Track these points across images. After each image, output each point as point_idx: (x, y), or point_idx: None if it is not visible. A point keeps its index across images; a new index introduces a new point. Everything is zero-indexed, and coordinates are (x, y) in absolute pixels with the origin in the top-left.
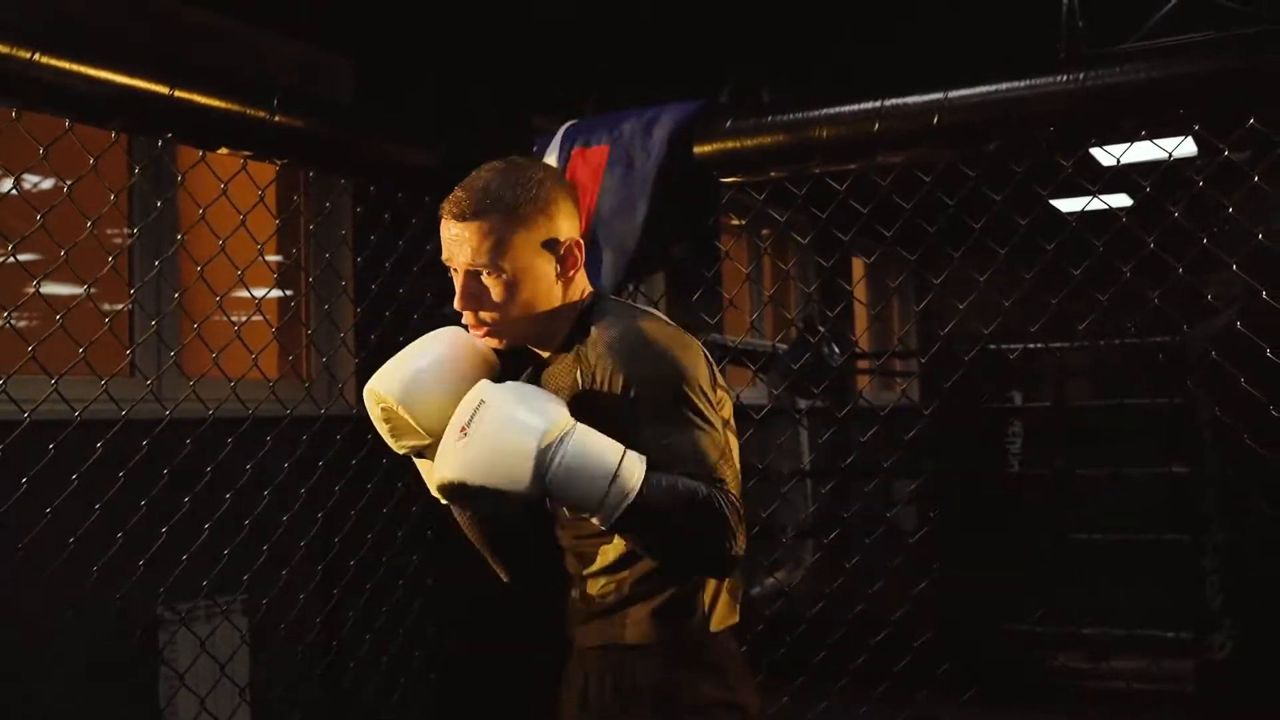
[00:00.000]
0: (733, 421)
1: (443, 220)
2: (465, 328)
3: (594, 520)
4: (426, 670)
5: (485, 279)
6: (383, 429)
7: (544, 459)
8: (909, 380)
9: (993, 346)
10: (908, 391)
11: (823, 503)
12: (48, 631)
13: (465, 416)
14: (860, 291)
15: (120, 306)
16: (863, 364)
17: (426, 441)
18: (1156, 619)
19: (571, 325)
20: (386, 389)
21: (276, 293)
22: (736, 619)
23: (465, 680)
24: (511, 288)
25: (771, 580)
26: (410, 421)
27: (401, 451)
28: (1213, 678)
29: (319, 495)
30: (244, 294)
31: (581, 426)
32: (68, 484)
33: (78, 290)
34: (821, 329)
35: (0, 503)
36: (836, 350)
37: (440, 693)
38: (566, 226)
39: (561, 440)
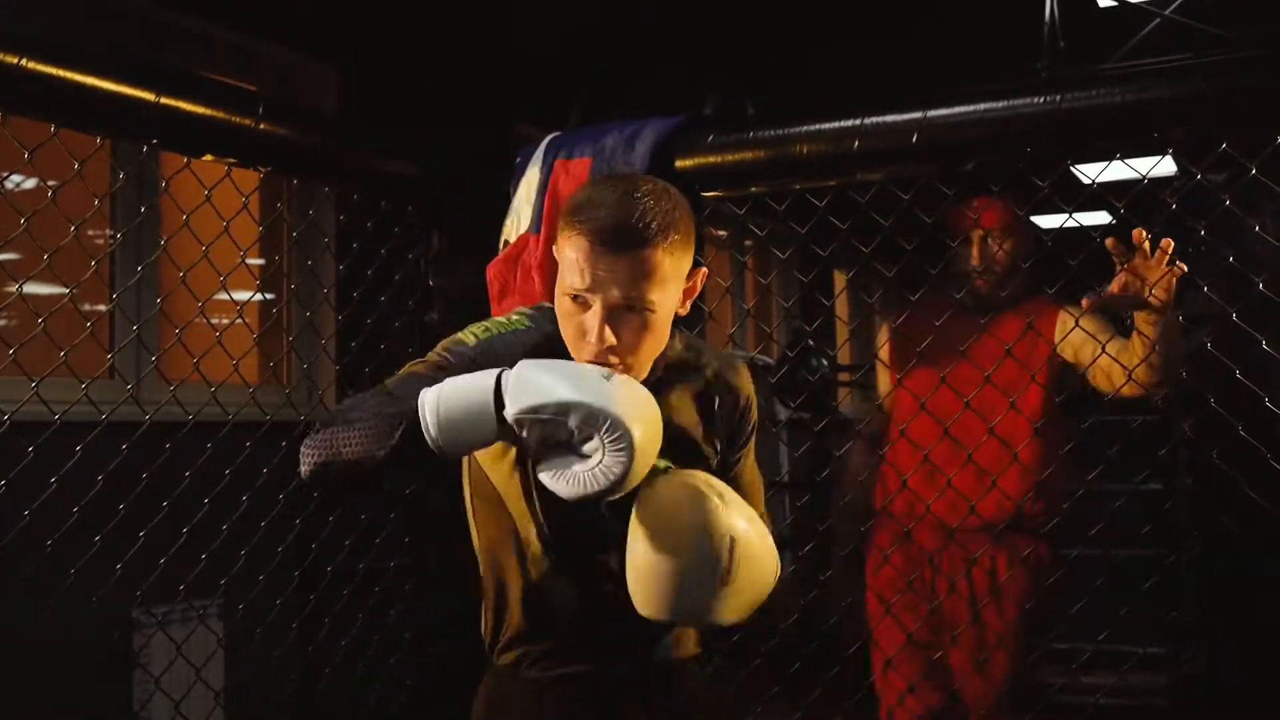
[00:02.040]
0: None
1: (584, 245)
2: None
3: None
4: (402, 676)
5: (631, 314)
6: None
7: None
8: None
9: None
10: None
11: (800, 515)
12: (24, 633)
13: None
14: (842, 304)
15: (101, 308)
16: (843, 376)
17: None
18: (1129, 634)
19: (675, 357)
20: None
21: (259, 298)
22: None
23: (441, 687)
24: (653, 323)
25: None
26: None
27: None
28: (1186, 692)
29: (297, 501)
30: (225, 299)
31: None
32: (46, 486)
33: (56, 291)
34: (806, 342)
35: None
36: (825, 363)
37: (416, 699)
38: (694, 252)
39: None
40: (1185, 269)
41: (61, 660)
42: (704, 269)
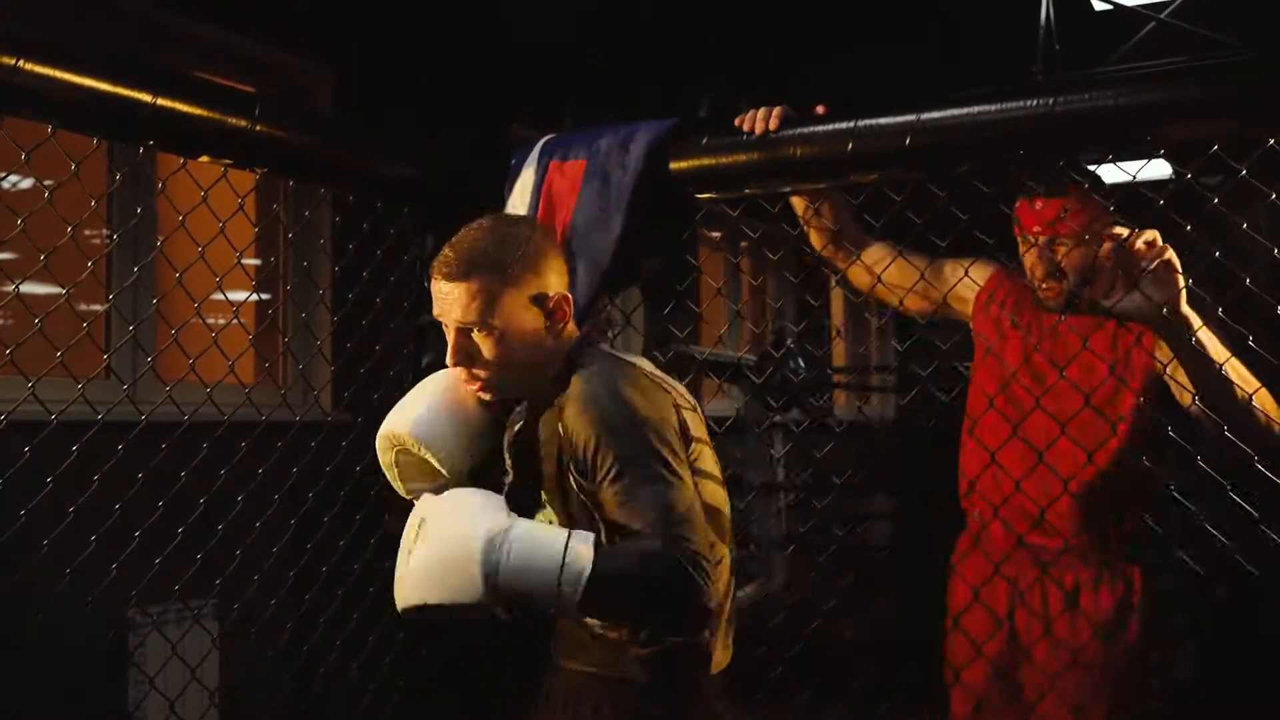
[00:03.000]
0: (717, 472)
1: (434, 279)
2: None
3: (555, 612)
4: (396, 677)
5: (476, 335)
6: (392, 474)
7: (490, 563)
8: (883, 396)
9: (955, 365)
10: (882, 408)
11: (791, 517)
12: (19, 633)
13: (410, 537)
14: (838, 305)
15: (97, 309)
16: (837, 379)
17: (435, 485)
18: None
19: (560, 375)
20: (402, 430)
21: (255, 299)
22: (729, 658)
23: (434, 688)
24: (502, 344)
25: (742, 593)
26: (430, 458)
27: (414, 497)
28: (1176, 697)
29: (292, 501)
30: (221, 299)
31: (522, 521)
32: (42, 486)
33: (52, 291)
34: (790, 344)
35: None
36: (801, 364)
37: (411, 699)
38: (555, 281)
39: (505, 540)
40: (1172, 259)
41: (57, 660)
42: (564, 294)
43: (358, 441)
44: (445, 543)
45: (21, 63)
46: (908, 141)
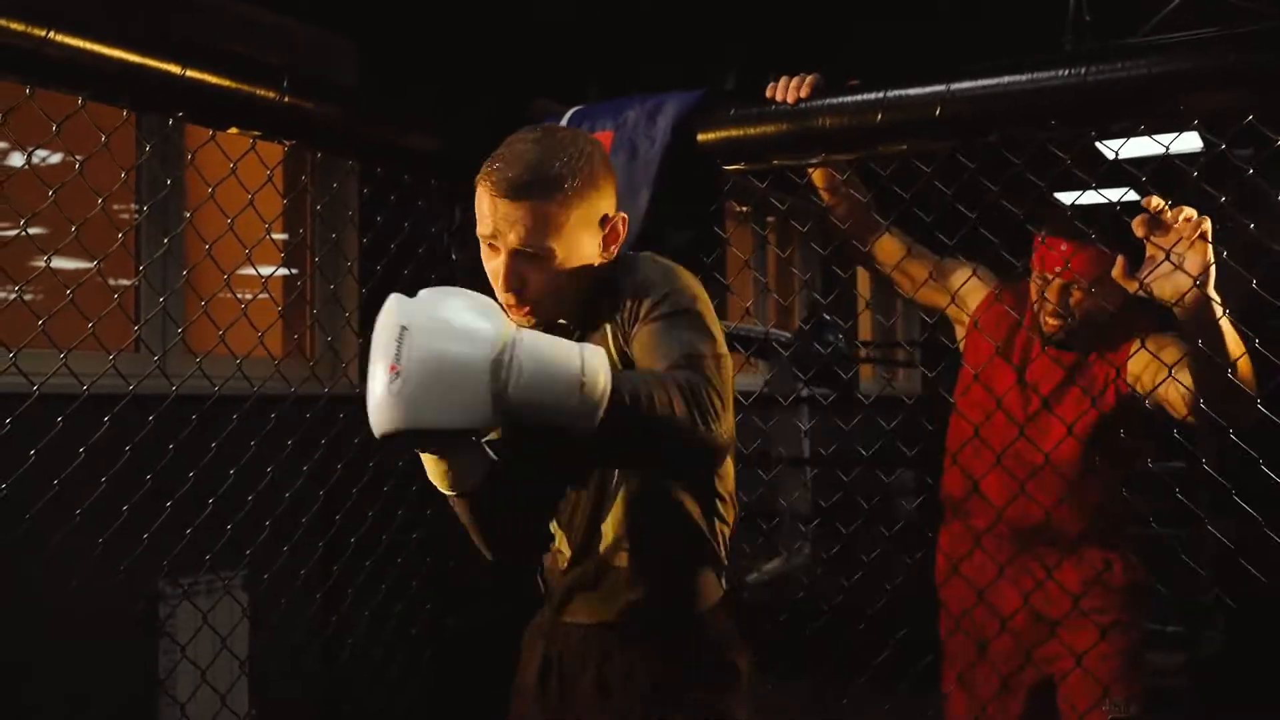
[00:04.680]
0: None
1: (486, 195)
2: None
3: (573, 433)
4: (424, 646)
5: (533, 259)
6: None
7: (499, 376)
8: (908, 370)
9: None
10: (908, 381)
11: (818, 491)
12: (52, 602)
13: (390, 349)
14: (864, 279)
15: (126, 282)
16: (863, 352)
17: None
18: (1149, 612)
19: (603, 295)
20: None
21: (283, 271)
22: (723, 590)
23: (462, 657)
24: (560, 267)
25: (768, 566)
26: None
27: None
28: (1205, 672)
29: (321, 473)
30: (249, 272)
31: (528, 330)
32: (75, 457)
33: (82, 264)
34: (827, 316)
35: (9, 474)
36: (839, 338)
37: (437, 668)
38: (611, 200)
39: (514, 350)
40: (1208, 231)
41: (89, 629)
42: (621, 214)
43: None
44: (443, 357)
45: (52, 34)
46: (938, 112)
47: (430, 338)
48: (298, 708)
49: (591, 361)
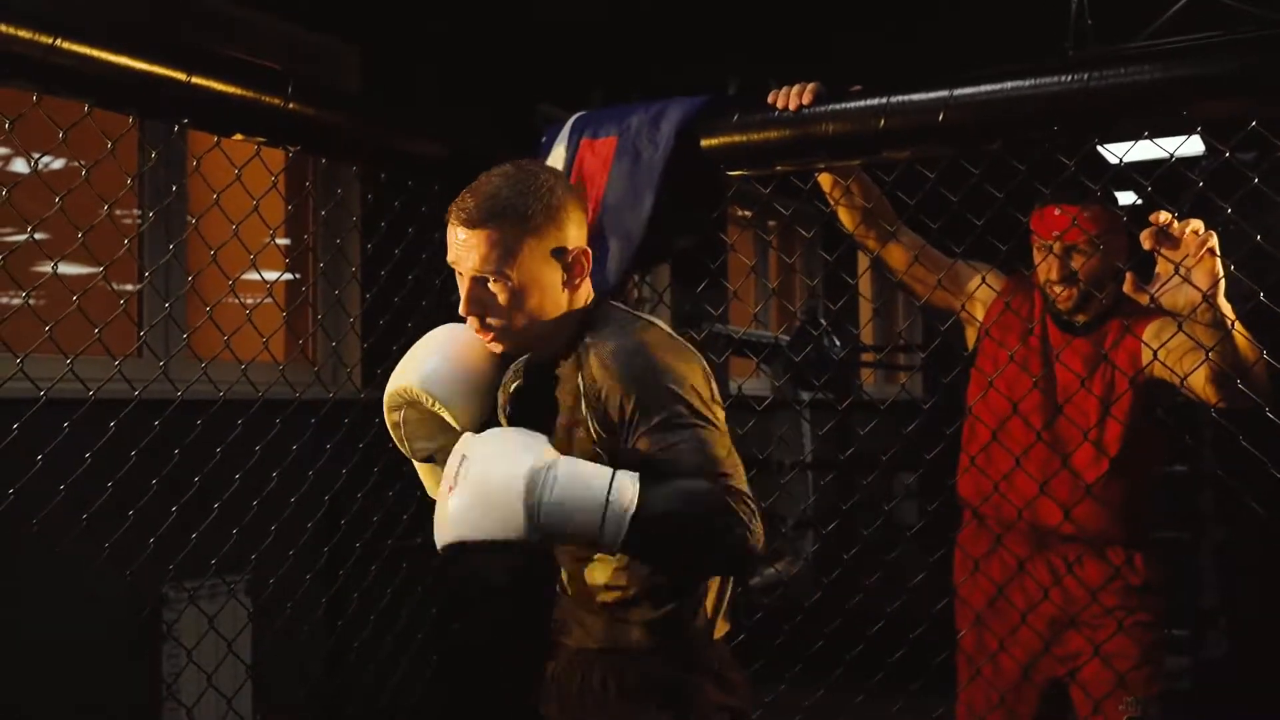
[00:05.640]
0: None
1: (450, 225)
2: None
3: (601, 551)
4: (429, 652)
5: (492, 285)
6: (398, 434)
7: (533, 497)
8: (911, 374)
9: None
10: (909, 386)
11: (822, 495)
12: (58, 607)
13: (451, 473)
14: (866, 284)
15: (131, 287)
16: (866, 357)
17: (439, 445)
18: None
19: (574, 332)
20: (414, 383)
21: (287, 277)
22: (729, 628)
23: (467, 662)
24: (518, 295)
25: (771, 571)
26: (442, 412)
27: (419, 457)
28: (1209, 675)
29: (325, 478)
30: (253, 278)
31: (565, 459)
32: (81, 462)
33: (86, 270)
34: (823, 321)
35: (16, 479)
36: (837, 343)
37: (442, 674)
38: (575, 234)
39: (548, 474)
40: (1215, 246)
41: (95, 633)
42: (583, 248)
43: None
44: (488, 478)
45: (59, 41)
46: (940, 118)
47: (483, 463)
48: (303, 712)
49: (619, 489)
